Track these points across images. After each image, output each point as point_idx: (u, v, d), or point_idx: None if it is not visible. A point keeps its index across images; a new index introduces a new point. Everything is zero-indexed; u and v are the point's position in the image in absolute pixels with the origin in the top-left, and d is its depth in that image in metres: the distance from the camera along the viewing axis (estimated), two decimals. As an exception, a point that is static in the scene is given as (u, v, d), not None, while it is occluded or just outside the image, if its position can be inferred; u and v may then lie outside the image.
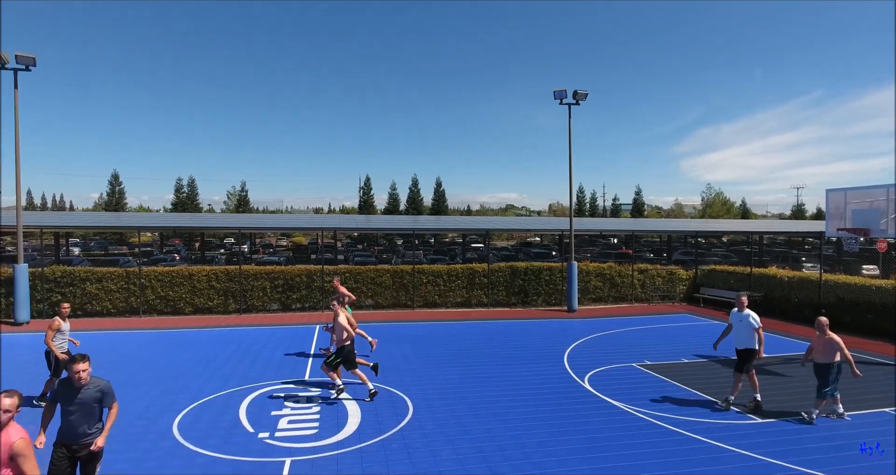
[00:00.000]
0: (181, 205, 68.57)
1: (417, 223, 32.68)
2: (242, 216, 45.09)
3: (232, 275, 18.77)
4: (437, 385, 10.25)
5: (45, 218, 30.49)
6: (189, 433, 7.76)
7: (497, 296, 20.49)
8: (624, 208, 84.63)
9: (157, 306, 18.20)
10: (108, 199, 66.91)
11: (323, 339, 14.35)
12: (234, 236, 50.98)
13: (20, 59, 16.05)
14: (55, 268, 18.28)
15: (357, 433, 7.81)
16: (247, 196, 72.34)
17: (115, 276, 18.08)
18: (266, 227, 31.35)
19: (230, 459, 6.90)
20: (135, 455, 7.02)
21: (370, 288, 19.63)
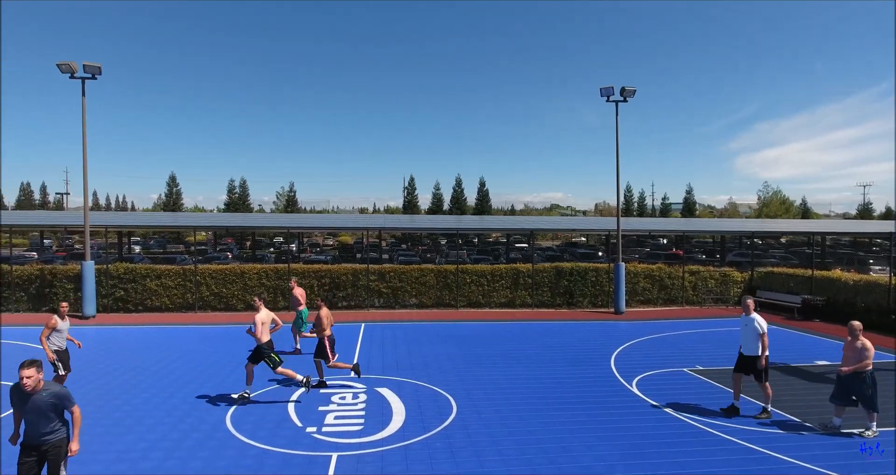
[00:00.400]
0: (233, 205, 71.20)
1: (461, 223, 32.69)
2: (291, 216, 46.34)
3: (281, 273, 19.30)
4: (482, 385, 10.21)
5: (110, 218, 32.24)
6: (241, 425, 8.03)
7: (542, 297, 20.25)
8: (674, 208, 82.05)
9: (210, 302, 18.94)
10: (167, 199, 70.23)
11: (368, 339, 14.54)
12: (283, 235, 52.44)
13: (87, 69, 17.03)
14: (118, 265, 19.30)
15: (401, 431, 7.88)
16: (295, 196, 74.34)
17: (173, 273, 18.93)
18: (313, 227, 32.09)
19: (280, 452, 7.09)
20: (190, 444, 7.31)
21: (414, 287, 19.78)
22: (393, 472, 6.55)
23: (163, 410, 8.69)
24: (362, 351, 12.97)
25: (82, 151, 17.84)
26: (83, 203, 18.63)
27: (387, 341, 14.09)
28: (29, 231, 50.00)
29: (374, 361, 11.95)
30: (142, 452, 7.05)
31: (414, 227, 32.99)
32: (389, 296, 19.71)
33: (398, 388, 9.90)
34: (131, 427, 7.95)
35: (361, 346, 13.45)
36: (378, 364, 11.73)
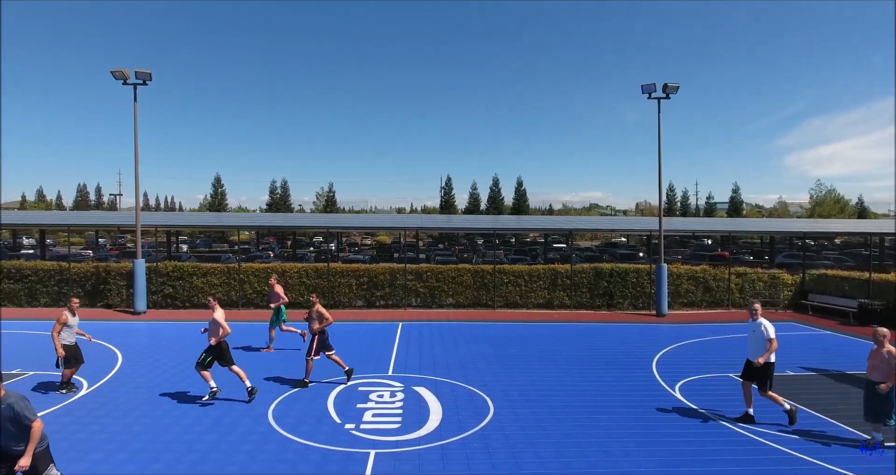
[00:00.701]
0: (275, 205, 73.02)
1: (498, 223, 32.53)
2: (330, 216, 47.18)
3: (320, 272, 19.67)
4: (519, 386, 10.13)
5: (159, 218, 33.57)
6: (282, 420, 8.22)
7: (580, 298, 19.93)
8: (719, 207, 79.38)
9: (253, 300, 19.47)
10: (212, 200, 72.63)
11: (405, 338, 14.64)
12: (323, 235, 53.44)
13: (138, 75, 17.78)
14: (167, 263, 20.07)
15: (438, 430, 7.90)
16: (334, 196, 75.63)
17: (218, 272, 19.55)
18: (351, 227, 32.58)
19: (320, 447, 7.22)
20: (234, 438, 7.53)
21: (451, 287, 19.81)
22: (430, 471, 6.57)
23: (207, 405, 8.98)
24: (399, 349, 13.07)
25: (134, 155, 18.65)
26: (135, 204, 19.46)
27: (424, 340, 14.16)
28: (85, 230, 52.61)
29: (412, 360, 12.03)
30: (188, 444, 7.31)
31: (451, 227, 33.05)
32: (426, 296, 19.81)
33: (435, 388, 9.93)
34: (178, 418, 8.26)
35: (399, 345, 13.56)
36: (415, 363, 11.80)
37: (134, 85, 18.04)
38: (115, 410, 8.63)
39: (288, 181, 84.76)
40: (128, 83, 17.90)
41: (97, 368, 11.09)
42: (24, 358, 11.83)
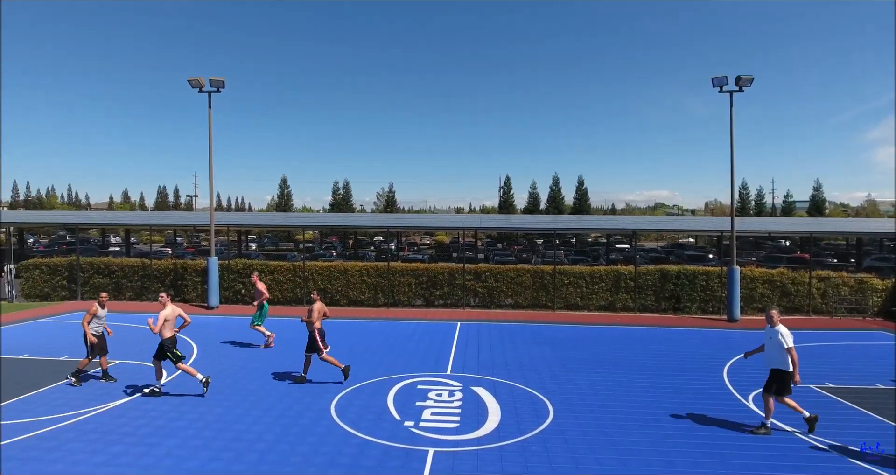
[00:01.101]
0: (337, 205, 75.19)
1: (558, 222, 31.95)
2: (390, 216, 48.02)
3: (381, 271, 20.04)
4: (579, 390, 9.89)
5: (231, 218, 35.34)
6: (344, 415, 8.43)
7: (645, 301, 19.23)
8: (798, 206, 74.33)
9: (317, 297, 20.09)
10: (279, 200, 75.74)
11: (463, 338, 14.66)
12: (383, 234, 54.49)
13: (213, 83, 18.79)
14: (237, 261, 21.10)
15: (497, 431, 7.84)
16: (394, 197, 76.91)
17: (284, 269, 20.34)
18: (411, 227, 33.00)
19: (380, 443, 7.34)
20: (299, 430, 7.80)
21: (510, 287, 19.64)
22: (488, 472, 6.53)
23: (274, 396, 9.36)
24: (458, 349, 13.09)
25: (209, 158, 19.75)
26: (209, 205, 20.58)
27: (482, 341, 14.12)
28: (164, 229, 56.22)
29: (470, 360, 12.01)
30: (257, 434, 7.63)
31: (509, 227, 32.80)
32: (485, 296, 19.75)
33: (493, 388, 9.87)
34: (248, 410, 8.65)
35: (457, 345, 13.58)
36: (473, 363, 11.77)
37: (209, 92, 19.07)
38: (192, 399, 9.15)
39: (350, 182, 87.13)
40: (203, 91, 18.95)
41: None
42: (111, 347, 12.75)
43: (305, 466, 6.62)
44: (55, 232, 53.87)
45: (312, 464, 6.69)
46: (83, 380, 10.12)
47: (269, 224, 31.05)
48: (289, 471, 6.48)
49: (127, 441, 7.32)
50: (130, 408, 8.69)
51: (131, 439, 7.38)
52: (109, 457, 6.82)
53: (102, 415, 8.29)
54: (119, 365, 11.28)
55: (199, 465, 6.59)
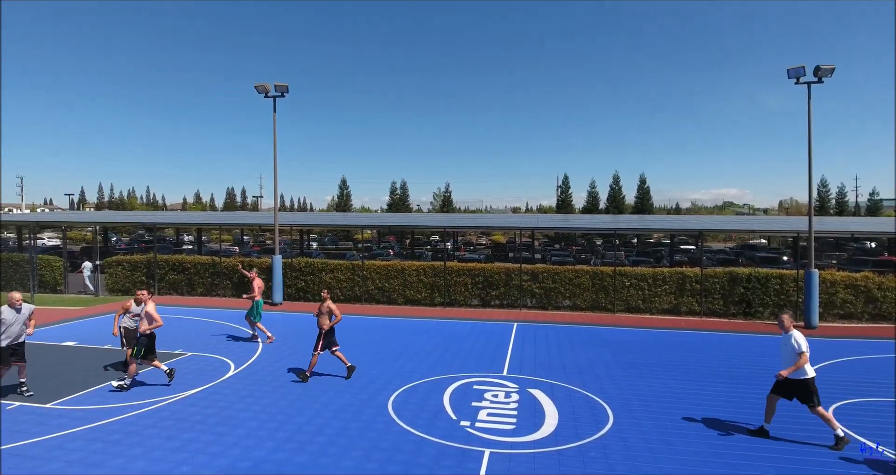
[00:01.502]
0: (394, 205, 76.45)
1: (618, 222, 31.04)
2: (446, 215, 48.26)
3: (437, 270, 20.16)
4: (641, 396, 9.55)
5: (293, 218, 36.64)
6: (401, 412, 8.53)
7: (711, 305, 18.33)
8: (886, 204, 68.75)
9: (375, 296, 20.49)
10: (338, 201, 77.91)
11: (520, 339, 14.50)
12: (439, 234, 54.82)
13: (277, 88, 19.54)
14: (300, 259, 21.83)
15: (554, 435, 7.69)
16: (450, 196, 77.32)
17: (343, 268, 20.86)
18: (467, 226, 33.03)
19: (436, 442, 7.37)
20: (359, 425, 7.96)
21: (568, 288, 19.26)
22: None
23: (334, 391, 9.60)
24: (514, 350, 12.96)
25: (273, 161, 20.54)
26: (274, 205, 21.43)
27: (539, 342, 13.91)
28: (232, 229, 59.06)
29: (527, 362, 11.87)
30: (318, 427, 7.86)
31: (567, 227, 32.16)
32: (542, 297, 19.46)
33: (551, 391, 9.70)
34: (309, 403, 8.92)
35: (513, 346, 13.45)
36: (530, 365, 11.62)
37: (273, 97, 19.85)
38: (257, 391, 9.54)
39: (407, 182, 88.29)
40: (268, 96, 19.74)
41: (241, 353, 12.37)
42: (185, 340, 13.54)
43: (364, 461, 6.74)
44: (135, 231, 57.79)
45: (371, 459, 6.81)
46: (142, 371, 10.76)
47: (329, 224, 31.96)
48: (348, 465, 6.62)
49: (198, 429, 7.73)
50: (201, 398, 9.16)
51: (202, 427, 7.79)
52: (182, 443, 7.22)
53: (176, 404, 8.79)
54: (191, 357, 11.92)
55: (265, 455, 6.86)
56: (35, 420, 7.98)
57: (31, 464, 6.50)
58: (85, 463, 6.57)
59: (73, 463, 6.56)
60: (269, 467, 6.54)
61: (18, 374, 9.16)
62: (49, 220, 33.30)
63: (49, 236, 52.42)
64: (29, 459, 6.64)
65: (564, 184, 73.80)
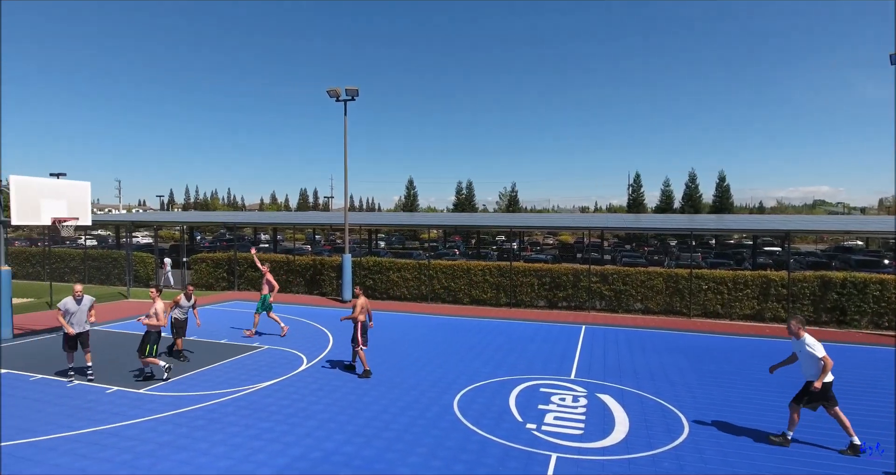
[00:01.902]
0: (460, 205, 76.72)
1: (694, 222, 29.52)
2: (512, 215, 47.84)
3: (503, 270, 20.03)
4: (718, 406, 9.02)
5: (362, 218, 37.67)
6: (467, 412, 8.53)
7: (800, 312, 16.99)
8: None
9: (441, 295, 20.66)
10: (405, 201, 79.23)
11: (588, 342, 14.13)
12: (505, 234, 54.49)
13: (348, 92, 20.13)
14: (368, 258, 22.40)
15: (625, 442, 7.42)
16: (516, 196, 76.67)
17: (410, 267, 21.18)
18: (533, 226, 32.57)
19: (501, 443, 7.31)
20: (424, 423, 8.04)
21: (640, 291, 18.54)
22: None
23: (402, 388, 9.76)
24: (582, 353, 12.64)
25: (344, 162, 21.20)
26: (344, 205, 22.11)
27: (609, 346, 13.49)
28: (305, 228, 61.57)
29: (596, 366, 11.53)
30: (385, 422, 8.01)
31: (639, 227, 30.98)
32: (612, 299, 18.86)
33: (621, 397, 9.37)
34: (377, 399, 9.11)
35: (582, 349, 13.12)
36: (599, 369, 11.29)
37: (344, 101, 20.48)
38: (327, 385, 9.87)
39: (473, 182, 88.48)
40: (340, 100, 20.39)
41: (313, 348, 12.85)
42: (260, 334, 14.24)
43: (429, 458, 6.80)
44: (217, 230, 61.56)
45: (436, 456, 6.85)
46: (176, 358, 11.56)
47: (396, 224, 32.56)
48: (414, 462, 6.70)
49: (274, 418, 8.10)
50: (276, 389, 9.60)
51: (277, 417, 8.15)
52: (259, 431, 7.59)
53: (253, 395, 9.26)
54: (267, 350, 12.52)
55: (335, 447, 7.08)
56: (130, 404, 8.67)
57: (128, 444, 7.07)
58: (173, 445, 7.06)
59: (164, 445, 7.07)
60: (339, 459, 6.74)
61: (85, 359, 10.09)
62: (142, 220, 36.11)
63: (142, 234, 56.91)
64: (126, 440, 7.22)
65: (636, 182, 71.15)
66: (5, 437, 7.25)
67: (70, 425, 7.71)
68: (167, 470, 6.35)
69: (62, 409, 8.37)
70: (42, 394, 9.11)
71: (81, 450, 6.90)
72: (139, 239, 52.29)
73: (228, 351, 12.32)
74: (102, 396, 9.04)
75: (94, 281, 25.06)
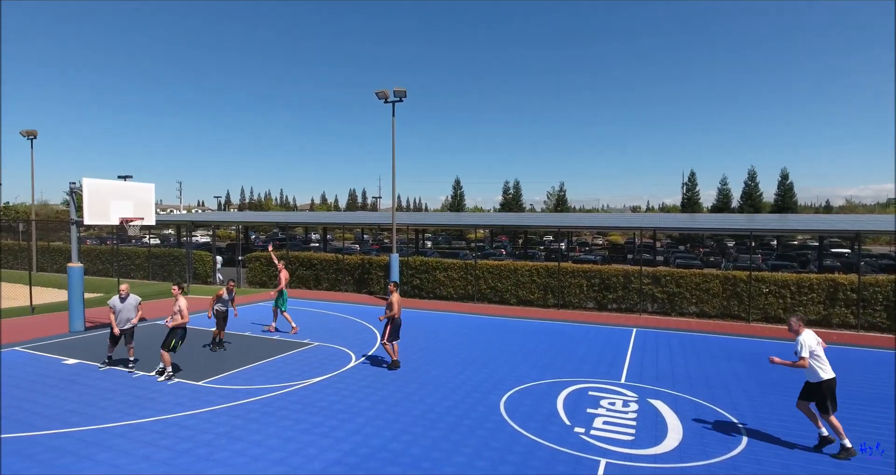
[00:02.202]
0: (507, 205, 76.27)
1: (754, 222, 28.18)
2: (560, 215, 47.14)
3: (551, 271, 19.75)
4: (781, 417, 8.55)
5: (409, 218, 38.01)
6: (513, 413, 8.45)
7: (872, 318, 15.94)
8: None
9: (487, 295, 20.58)
10: (452, 200, 79.45)
11: (640, 346, 13.74)
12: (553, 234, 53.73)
13: (396, 94, 20.37)
14: (415, 258, 22.58)
15: (678, 450, 7.15)
16: (565, 195, 75.47)
17: (456, 267, 21.21)
18: (581, 226, 31.98)
19: (548, 446, 7.20)
20: (471, 422, 8.03)
21: (694, 294, 17.86)
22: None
23: (449, 387, 9.78)
24: (633, 357, 12.29)
25: (392, 162, 21.48)
26: (392, 205, 22.40)
27: (661, 350, 13.06)
28: (354, 228, 62.76)
29: (647, 370, 11.19)
30: (431, 422, 8.05)
31: (694, 227, 29.85)
32: (664, 302, 18.25)
33: (674, 403, 9.05)
34: (423, 398, 9.17)
35: (632, 352, 12.76)
36: (651, 373, 10.94)
37: (392, 102, 20.73)
38: (375, 382, 10.01)
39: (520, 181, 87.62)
40: (388, 101, 20.66)
41: (361, 345, 13.07)
42: (310, 331, 14.62)
43: (475, 458, 6.78)
44: (271, 229, 63.66)
45: (482, 457, 6.83)
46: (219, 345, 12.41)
47: (443, 223, 32.73)
48: (460, 461, 6.69)
49: (323, 414, 8.29)
50: (326, 385, 9.82)
51: (327, 413, 8.34)
52: (309, 425, 7.79)
53: (304, 390, 9.51)
54: (317, 347, 12.83)
55: (382, 444, 7.17)
56: (190, 395, 9.08)
57: (188, 434, 7.40)
58: (229, 436, 7.34)
59: (220, 435, 7.36)
60: (385, 456, 6.82)
61: (128, 353, 10.76)
62: (201, 220, 37.82)
63: (201, 234, 59.56)
64: (186, 429, 7.57)
65: (690, 181, 68.74)
66: (79, 424, 7.74)
67: (135, 414, 8.16)
68: (224, 460, 6.61)
69: (128, 399, 8.86)
70: (110, 383, 9.68)
71: (146, 437, 7.28)
72: (198, 238, 54.74)
73: (280, 347, 12.71)
74: (164, 387, 9.51)
75: (157, 277, 26.43)
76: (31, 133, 30.57)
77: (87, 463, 6.49)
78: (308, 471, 6.37)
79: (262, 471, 6.35)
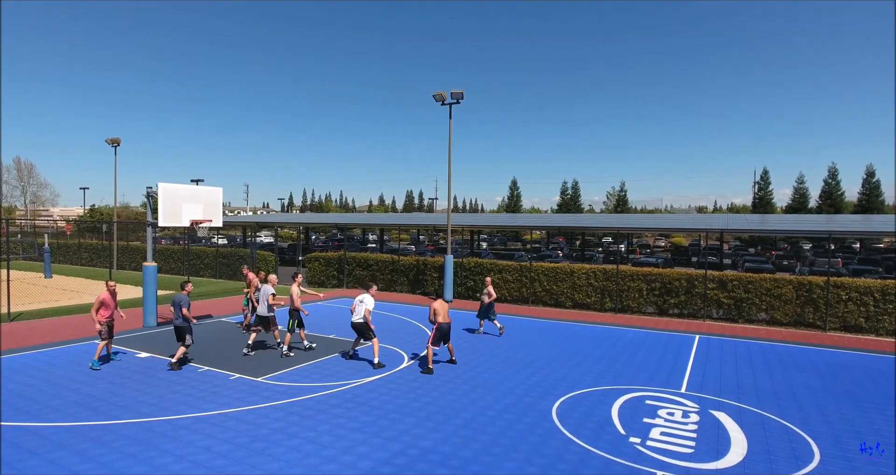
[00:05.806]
0: (565, 205, 74.96)
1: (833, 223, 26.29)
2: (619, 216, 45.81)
3: (609, 274, 19.20)
4: (859, 433, 7.91)
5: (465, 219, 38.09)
6: (565, 420, 8.27)
7: (969, 329, 14.47)
8: None
9: (542, 297, 20.26)
10: (508, 201, 78.97)
11: (702, 354, 13.11)
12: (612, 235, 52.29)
13: (453, 95, 20.45)
14: (469, 259, 22.56)
15: (741, 465, 6.76)
16: (625, 196, 73.40)
17: (511, 269, 21.01)
18: (643, 228, 30.93)
19: (601, 456, 6.99)
20: (522, 427, 7.92)
21: (765, 300, 16.84)
22: (729, 513, 5.67)
23: (500, 390, 9.70)
24: (695, 365, 11.74)
25: (448, 164, 21.57)
26: (447, 207, 22.50)
27: (726, 358, 12.41)
28: (410, 229, 63.59)
29: (710, 380, 10.66)
30: (482, 425, 8.01)
31: (765, 229, 28.19)
32: (731, 308, 17.32)
33: (738, 416, 8.57)
34: (475, 400, 9.14)
35: (694, 360, 12.19)
36: (714, 383, 10.41)
37: (449, 105, 20.84)
38: (427, 383, 10.08)
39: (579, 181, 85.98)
40: (445, 103, 20.78)
41: (413, 346, 13.20)
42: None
43: (525, 464, 6.68)
44: (330, 230, 65.57)
45: (532, 463, 6.72)
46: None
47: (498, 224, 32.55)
48: (510, 466, 6.61)
49: (375, 413, 8.42)
50: (379, 385, 9.98)
51: (378, 412, 8.47)
52: (361, 424, 7.93)
53: (357, 389, 9.70)
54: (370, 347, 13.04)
55: (432, 446, 7.20)
56: (250, 390, 9.48)
57: (246, 428, 7.73)
58: (284, 432, 7.59)
59: (276, 431, 7.63)
60: (435, 458, 6.84)
61: (275, 337, 12.49)
62: (265, 221, 39.45)
63: (265, 234, 62.14)
64: (244, 423, 7.90)
65: (763, 179, 64.91)
66: (150, 414, 8.26)
67: (200, 407, 8.60)
68: (279, 455, 6.85)
69: (194, 392, 9.35)
70: (179, 376, 10.26)
71: (208, 429, 7.66)
72: (262, 238, 57.16)
73: (336, 345, 13.04)
74: (227, 382, 9.97)
75: (224, 276, 27.79)
76: (115, 141, 32.89)
77: (154, 452, 6.90)
78: (358, 470, 6.48)
79: (315, 467, 6.53)
